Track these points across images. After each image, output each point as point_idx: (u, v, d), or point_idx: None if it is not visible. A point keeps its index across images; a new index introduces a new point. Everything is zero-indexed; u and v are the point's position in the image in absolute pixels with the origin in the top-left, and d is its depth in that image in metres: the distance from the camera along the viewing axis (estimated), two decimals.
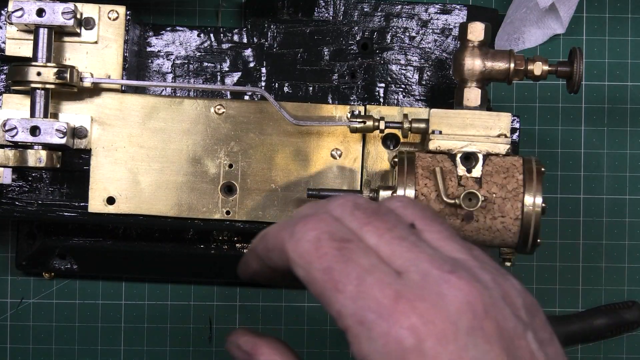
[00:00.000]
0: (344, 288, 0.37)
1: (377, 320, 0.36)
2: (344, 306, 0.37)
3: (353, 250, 0.38)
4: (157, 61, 0.58)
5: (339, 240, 0.38)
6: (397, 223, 0.39)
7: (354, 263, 0.37)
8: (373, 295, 0.36)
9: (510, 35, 0.61)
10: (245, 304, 0.63)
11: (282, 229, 0.40)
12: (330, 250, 0.38)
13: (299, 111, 0.55)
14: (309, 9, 0.58)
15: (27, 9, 0.52)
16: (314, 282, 0.38)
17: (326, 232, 0.38)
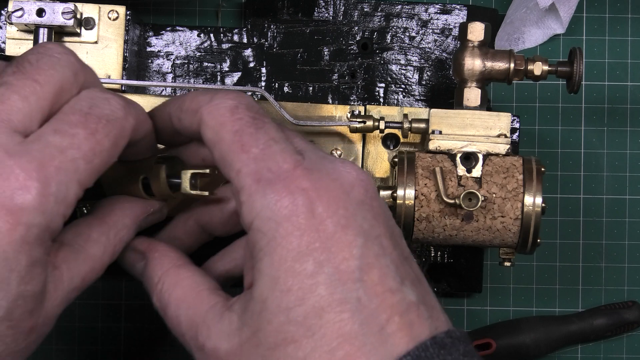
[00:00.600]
0: (250, 149, 0.39)
1: (274, 180, 0.38)
2: (245, 165, 0.39)
3: (266, 123, 0.40)
4: (157, 61, 0.58)
5: (255, 111, 0.41)
6: None
7: (264, 132, 0.40)
8: (275, 159, 0.39)
9: (510, 35, 0.61)
10: None
11: (203, 94, 0.42)
12: (245, 117, 0.40)
13: (299, 111, 0.55)
14: (309, 9, 0.58)
15: (27, 9, 0.52)
16: (221, 142, 0.40)
17: (245, 103, 0.41)
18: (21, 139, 0.38)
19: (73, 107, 0.40)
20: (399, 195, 0.49)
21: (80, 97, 0.40)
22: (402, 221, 0.50)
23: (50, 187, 0.37)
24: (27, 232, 0.37)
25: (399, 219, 0.50)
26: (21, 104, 0.38)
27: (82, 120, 0.39)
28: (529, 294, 0.62)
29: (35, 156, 0.37)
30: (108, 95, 0.41)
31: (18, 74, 0.39)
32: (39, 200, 0.37)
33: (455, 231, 0.50)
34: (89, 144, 0.39)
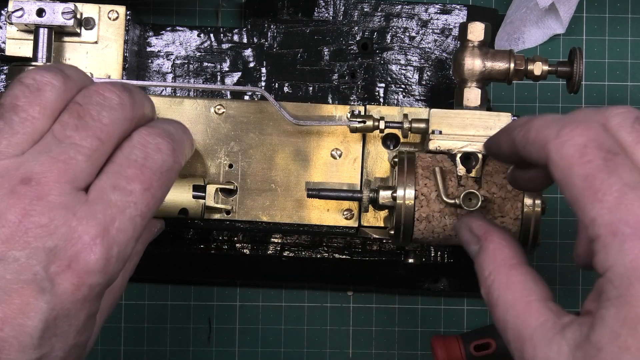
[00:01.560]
0: (604, 197, 0.37)
1: (631, 235, 0.36)
2: (600, 215, 0.37)
3: (619, 164, 0.37)
4: (157, 61, 0.58)
5: (606, 151, 0.38)
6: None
7: (618, 176, 0.37)
8: (633, 211, 0.36)
9: (510, 35, 0.61)
10: (245, 304, 0.63)
11: (548, 125, 0.39)
12: (595, 158, 0.37)
13: (299, 111, 0.55)
14: (309, 9, 0.58)
15: (27, 9, 0.52)
16: (572, 187, 0.38)
17: (594, 140, 0.38)
18: (84, 197, 0.40)
19: (128, 158, 0.42)
20: (398, 195, 0.49)
21: (134, 143, 0.42)
22: (402, 221, 0.50)
23: (113, 249, 0.40)
24: (90, 292, 0.40)
25: (399, 219, 0.50)
26: (85, 164, 0.41)
27: (139, 175, 0.42)
28: None
29: (99, 219, 0.40)
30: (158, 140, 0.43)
31: (82, 132, 0.41)
32: (102, 263, 0.39)
33: (456, 231, 0.50)
34: (145, 200, 0.41)
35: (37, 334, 0.38)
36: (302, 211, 0.55)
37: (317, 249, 0.60)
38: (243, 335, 0.63)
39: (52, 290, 0.39)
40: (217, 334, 0.63)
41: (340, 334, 0.63)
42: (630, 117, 0.39)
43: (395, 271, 0.60)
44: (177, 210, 0.53)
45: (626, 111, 0.39)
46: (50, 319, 0.39)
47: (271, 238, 0.59)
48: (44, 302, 0.38)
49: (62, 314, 0.39)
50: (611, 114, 0.39)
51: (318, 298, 0.63)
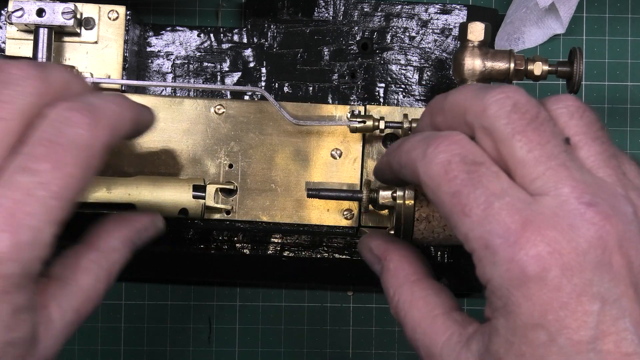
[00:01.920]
0: (471, 212, 0.36)
1: (502, 246, 0.35)
2: (470, 230, 0.37)
3: (483, 174, 0.37)
4: (157, 61, 0.58)
5: (469, 164, 0.37)
6: (552, 137, 0.37)
7: (483, 187, 0.37)
8: (500, 220, 0.36)
9: (510, 35, 0.61)
10: (245, 304, 0.63)
11: (415, 147, 0.39)
12: (459, 173, 0.37)
13: (299, 111, 0.55)
14: (309, 9, 0.58)
15: (27, 9, 0.52)
16: (442, 205, 0.38)
17: (457, 154, 0.38)
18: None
19: (39, 136, 0.38)
20: (398, 195, 0.49)
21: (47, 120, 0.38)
22: (402, 221, 0.50)
23: (23, 234, 0.36)
24: (5, 282, 0.36)
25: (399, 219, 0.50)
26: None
27: (49, 153, 0.37)
28: None
29: (4, 204, 0.36)
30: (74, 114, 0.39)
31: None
32: (11, 250, 0.36)
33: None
34: (57, 181, 0.37)
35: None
36: (302, 211, 0.55)
37: (317, 249, 0.60)
38: (243, 335, 0.63)
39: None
40: (217, 334, 0.63)
41: (340, 334, 0.63)
42: (507, 104, 0.38)
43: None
44: (177, 210, 0.53)
45: (504, 97, 0.38)
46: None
47: (271, 238, 0.59)
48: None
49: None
50: (489, 102, 0.38)
51: (318, 298, 0.63)
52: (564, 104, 0.39)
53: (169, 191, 0.53)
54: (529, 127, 0.37)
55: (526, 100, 0.38)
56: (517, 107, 0.38)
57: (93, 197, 0.52)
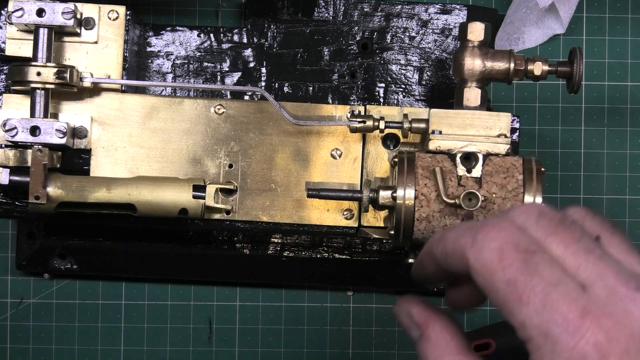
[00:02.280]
0: (529, 300, 0.37)
1: (562, 335, 0.36)
2: (528, 318, 0.37)
3: (538, 262, 0.38)
4: (157, 61, 0.58)
5: (523, 251, 0.38)
6: (583, 234, 0.39)
7: (539, 275, 0.37)
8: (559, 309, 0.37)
9: (510, 35, 0.61)
10: (245, 304, 0.63)
11: (462, 235, 0.40)
12: (514, 261, 0.38)
13: (299, 111, 0.55)
14: (309, 9, 0.58)
15: (27, 9, 0.52)
16: (496, 293, 0.38)
17: (510, 241, 0.38)
18: None
19: None
20: (398, 195, 0.49)
21: None
22: (402, 221, 0.50)
23: None
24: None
25: (399, 219, 0.50)
26: None
27: None
28: None
29: None
30: None
31: None
32: None
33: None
34: None
35: None
36: (302, 211, 0.55)
37: (317, 249, 0.60)
38: (243, 335, 0.63)
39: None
40: (217, 334, 0.63)
41: (340, 334, 0.63)
42: (532, 213, 0.40)
43: (395, 271, 0.60)
44: (177, 210, 0.53)
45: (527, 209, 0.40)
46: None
47: (271, 238, 0.59)
48: None
49: None
50: (514, 215, 0.40)
51: (318, 298, 0.63)
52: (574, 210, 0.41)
53: (169, 191, 0.53)
54: (560, 228, 0.39)
55: (549, 209, 0.40)
56: (543, 214, 0.39)
57: (93, 197, 0.52)
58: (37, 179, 0.51)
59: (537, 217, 0.39)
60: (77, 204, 0.53)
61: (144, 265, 0.61)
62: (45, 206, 0.52)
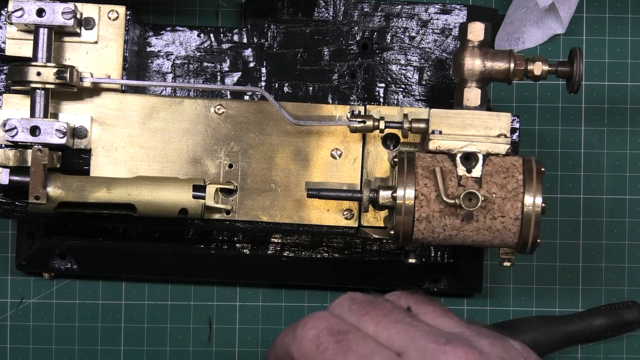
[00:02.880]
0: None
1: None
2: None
3: (351, 340, 0.40)
4: (157, 61, 0.58)
5: (336, 334, 0.41)
6: (393, 309, 0.42)
7: (353, 352, 0.40)
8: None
9: (510, 35, 0.61)
10: (245, 304, 0.63)
11: (286, 334, 0.42)
12: (329, 344, 0.40)
13: (299, 111, 0.55)
14: (309, 9, 0.58)
15: (27, 9, 0.52)
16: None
17: (324, 328, 0.41)
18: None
19: None
20: (398, 195, 0.49)
21: None
22: (402, 221, 0.50)
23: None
24: None
25: (399, 219, 0.50)
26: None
27: None
28: (529, 294, 0.62)
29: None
30: None
31: None
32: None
33: (455, 231, 0.50)
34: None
35: None
36: (302, 211, 0.55)
37: (317, 249, 0.60)
38: (243, 335, 0.63)
39: None
40: (217, 334, 0.63)
41: None
42: (344, 302, 0.43)
43: (395, 271, 0.60)
44: (177, 210, 0.53)
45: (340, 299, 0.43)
46: None
47: (271, 238, 0.59)
48: None
49: None
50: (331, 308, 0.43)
51: (318, 298, 0.63)
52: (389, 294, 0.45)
53: (169, 191, 0.53)
54: (370, 308, 0.42)
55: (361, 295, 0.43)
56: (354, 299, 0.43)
57: (93, 197, 0.52)
58: (37, 179, 0.51)
59: (349, 304, 0.42)
60: (77, 204, 0.53)
61: (144, 265, 0.61)
62: (45, 206, 0.52)
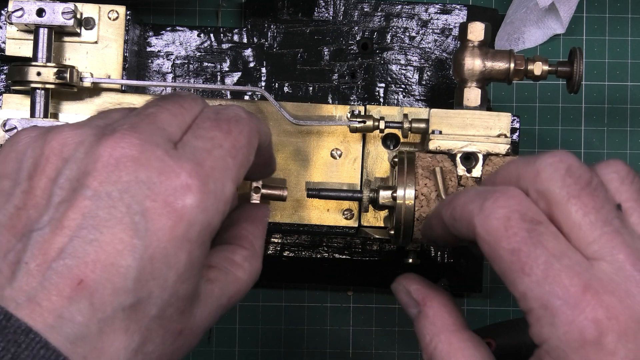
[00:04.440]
0: (531, 271, 0.37)
1: (562, 307, 0.36)
2: (529, 289, 0.37)
3: (543, 234, 0.38)
4: (157, 61, 0.58)
5: (529, 221, 0.38)
6: (606, 203, 0.38)
7: (543, 247, 0.37)
8: (561, 282, 0.36)
9: (510, 35, 0.61)
10: (245, 304, 0.63)
11: (471, 201, 0.40)
12: (519, 230, 0.38)
13: (299, 111, 0.55)
14: (309, 9, 0.58)
15: (27, 9, 0.52)
16: (500, 261, 0.38)
17: (517, 210, 0.38)
18: (173, 146, 0.39)
19: (202, 117, 0.42)
20: (398, 195, 0.49)
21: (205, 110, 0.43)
22: (402, 221, 0.50)
23: (209, 184, 0.38)
24: (189, 229, 0.37)
25: (398, 219, 0.50)
26: (171, 118, 0.40)
27: (215, 125, 0.41)
28: None
29: (190, 157, 0.38)
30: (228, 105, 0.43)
31: (164, 100, 0.41)
32: (200, 197, 0.38)
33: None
34: (229, 142, 0.40)
35: (132, 275, 0.36)
36: (302, 211, 0.55)
37: (317, 249, 0.60)
38: (243, 335, 0.63)
39: (147, 226, 0.36)
40: (217, 334, 0.63)
41: (340, 334, 0.63)
42: (561, 168, 0.39)
43: (395, 271, 0.60)
44: None
45: (557, 161, 0.39)
46: (146, 259, 0.36)
47: (271, 238, 0.59)
48: (138, 239, 0.36)
49: (158, 253, 0.36)
50: (541, 166, 0.39)
51: (318, 298, 0.63)
52: (614, 169, 0.40)
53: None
54: (584, 192, 0.38)
55: (579, 165, 0.39)
56: (571, 171, 0.39)
57: None
58: None
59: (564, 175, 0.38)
60: None
61: None
62: None
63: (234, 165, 0.40)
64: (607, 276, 0.37)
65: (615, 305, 0.36)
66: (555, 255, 0.37)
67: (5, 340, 0.34)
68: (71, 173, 0.38)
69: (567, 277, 0.36)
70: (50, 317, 0.35)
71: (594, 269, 0.37)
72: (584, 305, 0.36)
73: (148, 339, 0.38)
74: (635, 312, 0.36)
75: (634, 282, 0.36)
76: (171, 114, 0.41)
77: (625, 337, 0.36)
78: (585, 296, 0.36)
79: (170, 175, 0.37)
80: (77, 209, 0.36)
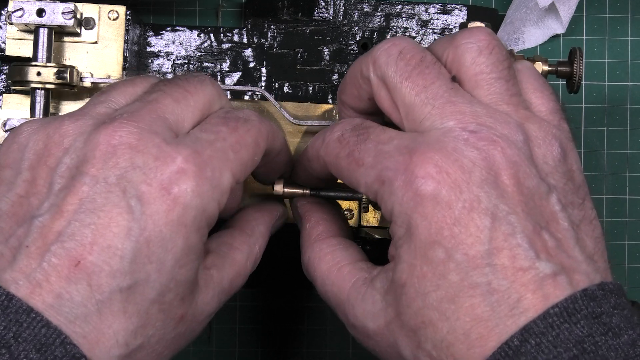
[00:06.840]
0: (364, 161, 0.40)
1: (395, 175, 0.38)
2: (366, 175, 0.40)
3: (372, 132, 0.41)
4: (157, 61, 0.58)
5: (358, 129, 0.41)
6: (437, 78, 0.40)
7: (371, 140, 0.40)
8: (390, 157, 0.39)
9: (510, 35, 0.61)
10: (245, 304, 0.63)
11: (317, 138, 0.44)
12: (350, 139, 0.41)
13: (299, 111, 0.55)
14: (309, 9, 0.58)
15: (27, 9, 0.52)
16: (342, 170, 0.42)
17: (349, 127, 0.42)
18: (174, 135, 0.40)
19: (213, 115, 0.43)
20: None
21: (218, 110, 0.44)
22: None
23: (206, 171, 0.39)
24: (184, 213, 0.38)
25: None
26: (173, 105, 0.41)
27: (223, 121, 0.42)
28: None
29: (189, 145, 0.39)
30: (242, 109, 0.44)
31: (170, 84, 0.42)
32: (195, 182, 0.38)
33: None
34: (233, 138, 0.41)
35: (128, 256, 0.37)
36: None
37: None
38: (243, 335, 0.63)
39: (143, 210, 0.37)
40: (217, 334, 0.63)
41: (340, 334, 0.63)
42: (394, 52, 0.41)
43: None
44: None
45: (390, 45, 0.41)
46: (142, 241, 0.37)
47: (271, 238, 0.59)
48: (134, 222, 0.37)
49: (154, 236, 0.37)
50: (377, 53, 0.42)
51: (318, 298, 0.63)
52: (475, 39, 0.41)
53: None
54: (414, 72, 0.40)
55: (411, 46, 0.41)
56: (402, 53, 0.41)
57: None
58: None
59: (397, 57, 0.41)
60: None
61: None
62: None
63: (235, 158, 0.41)
64: (434, 139, 0.38)
65: (444, 160, 0.37)
66: (383, 142, 0.40)
67: (7, 320, 0.35)
68: (71, 162, 0.39)
69: (396, 152, 0.39)
70: (49, 297, 0.35)
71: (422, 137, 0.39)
72: (413, 166, 0.38)
73: (148, 322, 0.38)
74: (464, 164, 0.37)
75: (462, 140, 0.38)
76: (174, 100, 0.41)
77: (459, 188, 0.37)
78: (413, 158, 0.38)
79: (166, 160, 0.38)
80: (76, 195, 0.37)
